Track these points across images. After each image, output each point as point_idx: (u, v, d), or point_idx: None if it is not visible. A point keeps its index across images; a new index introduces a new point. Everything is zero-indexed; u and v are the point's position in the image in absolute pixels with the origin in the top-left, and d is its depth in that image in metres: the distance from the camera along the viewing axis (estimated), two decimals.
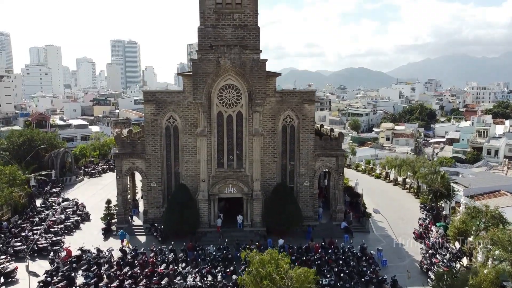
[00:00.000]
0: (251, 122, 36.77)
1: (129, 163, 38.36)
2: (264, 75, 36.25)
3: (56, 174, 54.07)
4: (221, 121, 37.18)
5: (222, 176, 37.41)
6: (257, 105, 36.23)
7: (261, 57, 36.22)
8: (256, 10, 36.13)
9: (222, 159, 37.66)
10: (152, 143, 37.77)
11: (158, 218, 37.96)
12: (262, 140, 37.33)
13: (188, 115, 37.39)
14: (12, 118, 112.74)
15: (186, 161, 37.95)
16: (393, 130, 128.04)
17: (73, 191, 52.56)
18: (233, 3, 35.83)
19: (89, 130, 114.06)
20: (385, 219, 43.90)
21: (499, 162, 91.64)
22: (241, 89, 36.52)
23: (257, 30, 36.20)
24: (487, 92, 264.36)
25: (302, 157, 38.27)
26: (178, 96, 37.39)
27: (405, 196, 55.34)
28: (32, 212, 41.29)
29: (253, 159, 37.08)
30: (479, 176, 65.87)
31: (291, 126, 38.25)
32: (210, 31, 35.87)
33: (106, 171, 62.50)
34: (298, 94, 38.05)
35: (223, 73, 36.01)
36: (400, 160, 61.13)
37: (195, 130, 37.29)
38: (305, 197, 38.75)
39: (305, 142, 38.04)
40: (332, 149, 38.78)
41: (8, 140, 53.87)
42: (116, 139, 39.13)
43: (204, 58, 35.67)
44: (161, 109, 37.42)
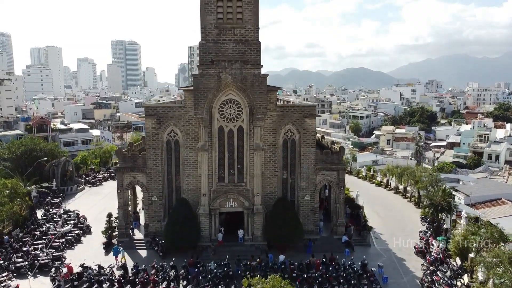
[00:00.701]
0: (252, 136, 36.81)
1: (130, 177, 38.41)
2: (265, 90, 36.27)
3: (57, 184, 54.11)
4: (222, 136, 37.22)
5: (223, 191, 37.46)
6: (258, 120, 36.26)
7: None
8: (257, 25, 36.15)
9: (223, 173, 37.69)
10: (153, 157, 37.80)
11: (159, 231, 38.00)
12: (263, 154, 37.36)
13: (189, 129, 37.42)
14: (13, 122, 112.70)
15: (187, 175, 37.99)
16: (394, 134, 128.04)
17: (74, 201, 52.60)
18: (234, 18, 35.87)
19: (90, 134, 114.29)
20: (385, 230, 44.27)
21: (500, 167, 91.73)
22: (242, 104, 36.55)
23: (258, 45, 36.23)
24: (488, 94, 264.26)
25: (303, 171, 38.30)
26: (179, 110, 37.42)
27: (406, 205, 55.33)
28: (33, 224, 41.37)
29: (254, 174, 37.12)
30: (480, 184, 66.00)
31: (292, 140, 38.27)
32: (211, 46, 35.90)
33: (107, 179, 62.51)
34: (299, 109, 38.05)
35: (224, 88, 36.04)
36: (401, 168, 61.12)
37: (196, 144, 37.33)
38: (306, 211, 38.79)
39: (306, 156, 38.07)
40: (333, 163, 38.79)
41: (8, 150, 53.90)
42: (117, 153, 39.20)
43: (205, 73, 35.70)
44: (162, 123, 37.46)
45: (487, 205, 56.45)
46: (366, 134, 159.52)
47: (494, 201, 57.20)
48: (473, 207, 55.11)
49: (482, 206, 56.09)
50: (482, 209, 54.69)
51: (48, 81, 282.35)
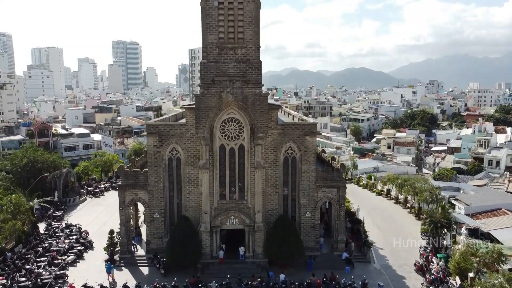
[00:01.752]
0: (253, 154, 37.04)
1: (132, 194, 38.69)
2: (266, 108, 36.48)
3: (59, 196, 54.38)
4: (223, 154, 37.45)
5: (224, 208, 37.74)
6: (259, 138, 36.49)
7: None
8: (258, 44, 36.36)
9: (224, 191, 37.95)
10: (155, 175, 38.06)
11: (160, 248, 38.27)
12: (264, 172, 37.60)
13: (190, 147, 37.67)
14: (15, 128, 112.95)
15: (188, 192, 38.25)
16: (395, 138, 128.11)
17: (76, 213, 52.92)
18: (236, 38, 36.06)
19: (91, 139, 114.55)
20: (385, 245, 44.49)
21: (500, 173, 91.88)
22: (243, 123, 36.78)
23: (259, 64, 36.44)
24: (489, 96, 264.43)
25: (304, 188, 38.54)
26: (180, 128, 37.66)
27: (406, 217, 55.51)
28: (36, 239, 41.64)
29: (255, 191, 37.37)
30: (480, 193, 66.08)
31: (292, 157, 38.50)
32: (212, 65, 36.11)
33: (108, 189, 62.79)
34: (299, 126, 38.28)
35: (226, 107, 36.28)
36: (402, 179, 61.29)
37: (197, 161, 37.58)
38: (307, 227, 39.04)
39: (306, 173, 38.30)
40: (333, 180, 39.03)
41: (11, 162, 54.18)
42: (119, 170, 39.41)
43: (206, 92, 35.92)
44: (164, 141, 37.71)
45: (487, 215, 56.60)
46: (366, 137, 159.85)
47: (494, 211, 57.35)
48: (473, 217, 55.31)
49: (482, 216, 56.24)
50: (482, 220, 54.87)
51: (49, 82, 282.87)
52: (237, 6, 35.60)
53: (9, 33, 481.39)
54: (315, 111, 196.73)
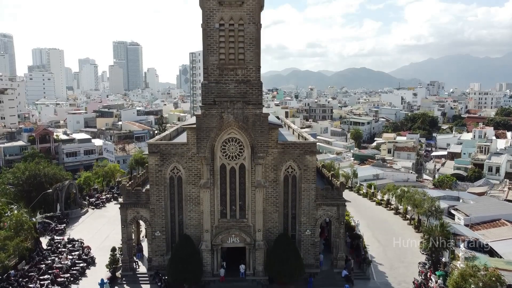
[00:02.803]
0: (254, 174, 37.44)
1: (133, 212, 39.12)
2: (266, 128, 36.86)
3: (61, 208, 54.81)
4: (224, 173, 37.85)
5: (225, 227, 38.16)
6: (259, 158, 36.89)
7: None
8: (259, 65, 36.74)
9: (225, 209, 38.37)
10: (156, 193, 38.49)
11: (162, 265, 38.69)
12: (264, 190, 38.01)
13: (191, 166, 38.08)
14: (16, 133, 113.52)
15: (189, 211, 38.68)
16: (395, 143, 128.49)
17: (78, 226, 53.35)
18: (236, 59, 36.44)
19: (92, 144, 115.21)
20: (385, 260, 44.86)
21: (500, 180, 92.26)
22: (243, 142, 37.18)
23: (260, 85, 36.83)
24: (489, 98, 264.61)
25: (304, 207, 38.94)
26: (182, 147, 38.06)
27: (406, 229, 55.79)
28: (38, 255, 42.06)
29: (256, 210, 37.78)
30: (480, 202, 66.47)
31: (292, 176, 38.90)
32: (213, 86, 36.50)
33: (110, 200, 63.21)
34: (299, 146, 38.65)
35: (226, 127, 36.67)
36: (401, 190, 61.57)
37: (198, 180, 38.00)
38: (307, 245, 39.44)
39: (306, 192, 38.70)
40: (333, 198, 39.43)
41: (13, 175, 54.64)
42: (121, 189, 39.82)
43: (207, 113, 36.32)
44: (165, 160, 38.12)
45: (486, 226, 57.04)
46: (367, 141, 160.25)
47: (493, 222, 57.78)
48: (472, 228, 55.76)
49: (481, 227, 56.69)
50: (481, 231, 55.31)
51: (50, 84, 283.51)
52: (238, 28, 35.98)
53: (10, 34, 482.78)
54: (316, 114, 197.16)
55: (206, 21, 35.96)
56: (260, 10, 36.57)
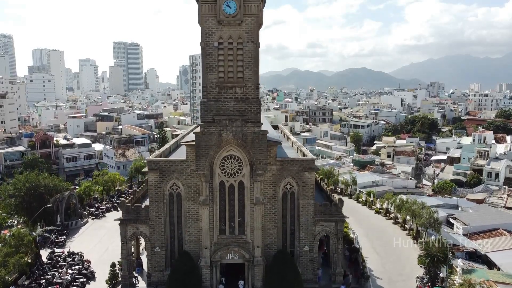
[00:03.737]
0: (253, 191, 37.69)
1: (133, 229, 39.37)
2: (265, 146, 37.09)
3: (61, 219, 55.06)
4: (223, 190, 38.09)
5: (224, 243, 38.42)
6: (258, 175, 37.13)
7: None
8: (257, 83, 36.97)
9: (224, 226, 38.61)
10: (156, 210, 38.74)
11: (161, 281, 38.94)
12: (263, 207, 38.26)
13: (191, 182, 38.32)
14: (16, 138, 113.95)
15: (189, 227, 38.94)
16: (394, 147, 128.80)
17: (78, 238, 53.57)
18: (235, 77, 36.66)
19: (92, 149, 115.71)
20: (383, 273, 45.06)
21: (499, 185, 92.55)
22: (242, 160, 37.41)
23: (259, 103, 37.06)
24: (489, 99, 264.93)
25: (302, 223, 39.19)
26: (181, 164, 38.30)
27: (405, 239, 55.75)
28: (39, 269, 42.29)
29: (254, 227, 38.03)
30: (478, 211, 66.65)
31: (291, 192, 39.14)
32: (212, 104, 36.73)
33: (110, 210, 63.41)
34: (298, 162, 38.88)
35: (225, 144, 36.91)
36: (400, 200, 61.74)
37: (197, 197, 38.25)
38: (305, 261, 39.69)
39: (305, 208, 38.95)
40: (331, 214, 39.68)
41: (14, 187, 54.89)
42: (120, 206, 40.05)
43: (206, 131, 36.56)
44: (165, 176, 38.36)
45: (484, 235, 57.18)
46: (367, 144, 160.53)
47: (491, 231, 57.94)
48: (471, 237, 55.94)
49: (479, 237, 56.86)
50: (479, 240, 55.48)
51: (50, 86, 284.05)
52: (237, 46, 36.20)
53: (10, 35, 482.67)
54: (316, 117, 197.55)
55: (205, 40, 36.18)
56: (259, 28, 36.80)
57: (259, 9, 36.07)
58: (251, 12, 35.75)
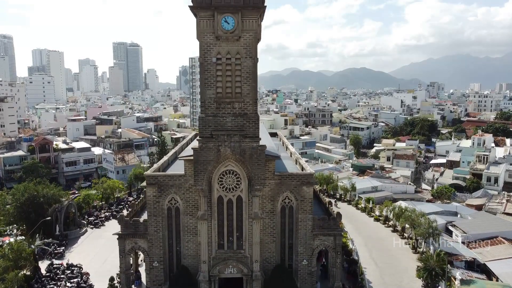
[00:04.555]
0: (251, 206, 37.71)
1: (131, 243, 39.41)
2: (263, 161, 37.10)
3: (60, 229, 55.05)
4: (221, 205, 38.12)
5: (222, 258, 38.45)
6: (256, 190, 37.17)
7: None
8: (256, 98, 36.96)
9: (222, 240, 38.65)
10: (154, 224, 38.76)
11: None
12: (261, 221, 38.29)
13: (189, 197, 38.35)
14: (16, 143, 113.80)
15: (187, 241, 38.98)
16: (394, 151, 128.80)
17: (77, 248, 53.56)
18: (233, 93, 36.66)
19: (91, 153, 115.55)
20: (382, 285, 45.04)
21: (499, 190, 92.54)
22: (240, 175, 37.43)
23: (257, 118, 37.05)
24: (489, 101, 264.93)
25: (301, 237, 39.22)
26: (179, 179, 38.32)
27: (403, 249, 55.83)
28: (37, 283, 42.27)
29: (253, 241, 38.07)
30: (477, 218, 66.60)
31: (289, 207, 39.16)
32: (210, 119, 36.73)
33: (109, 218, 63.38)
34: (296, 177, 38.88)
35: (223, 160, 36.93)
36: (399, 208, 61.77)
37: (196, 211, 38.28)
38: (304, 275, 39.71)
39: (303, 222, 38.98)
40: (330, 228, 39.71)
41: (12, 197, 54.87)
42: (119, 220, 40.05)
43: (205, 146, 36.57)
44: (163, 191, 38.39)
45: (483, 244, 57.20)
46: (366, 146, 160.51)
47: (490, 239, 57.95)
48: (470, 246, 55.98)
49: (478, 245, 56.88)
50: (478, 249, 55.54)
51: (50, 87, 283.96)
52: (235, 62, 36.19)
53: (10, 35, 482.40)
54: (315, 119, 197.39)
55: (203, 55, 36.18)
56: (257, 43, 36.76)
57: (257, 24, 36.04)
58: (249, 28, 35.74)
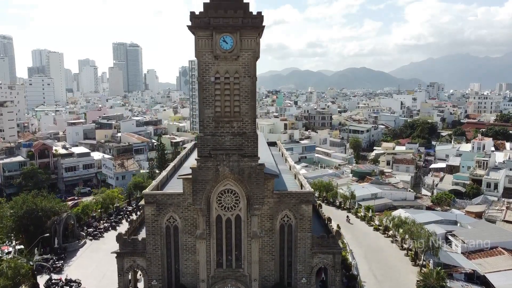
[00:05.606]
0: (250, 224, 37.61)
1: (130, 261, 39.35)
2: (262, 180, 36.99)
3: (59, 242, 54.92)
4: (220, 224, 38.04)
5: (221, 276, 38.38)
6: (255, 209, 37.07)
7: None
8: (254, 117, 36.83)
9: (221, 259, 38.58)
10: (153, 243, 38.68)
11: None
12: (260, 240, 38.20)
13: (187, 215, 38.27)
14: (15, 148, 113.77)
15: (186, 259, 38.91)
16: (394, 155, 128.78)
17: (76, 261, 53.37)
18: (232, 112, 36.53)
19: (91, 158, 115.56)
20: None
21: (498, 196, 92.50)
22: (239, 194, 37.33)
23: (255, 137, 36.92)
24: (489, 102, 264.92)
25: (300, 255, 39.14)
26: (178, 198, 38.23)
27: (403, 261, 55.71)
28: None
29: (252, 260, 38.00)
30: (477, 228, 66.45)
31: (288, 225, 39.07)
32: (209, 139, 36.61)
33: (108, 229, 63.21)
34: (295, 195, 38.78)
35: (222, 179, 36.83)
36: (398, 220, 61.61)
37: (194, 230, 38.19)
38: None
39: (302, 240, 38.90)
40: (329, 246, 39.63)
41: (11, 210, 54.75)
42: (117, 239, 39.96)
43: (203, 166, 36.46)
44: (162, 210, 38.31)
45: (483, 254, 57.12)
46: (366, 149, 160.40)
47: (490, 250, 57.85)
48: (469, 256, 55.91)
49: (478, 255, 56.82)
50: (478, 260, 55.46)
51: (49, 89, 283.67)
52: (233, 81, 36.05)
53: (9, 36, 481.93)
54: (315, 121, 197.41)
55: (202, 75, 36.04)
56: (255, 62, 36.60)
57: (256, 43, 35.89)
58: (248, 47, 35.60)
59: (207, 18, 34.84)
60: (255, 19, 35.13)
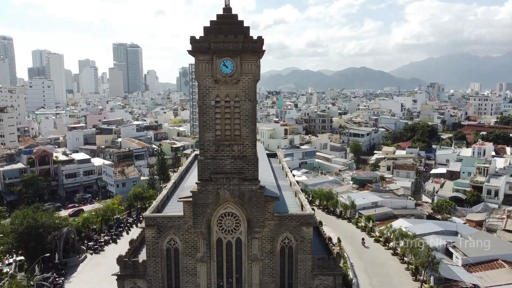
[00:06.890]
0: (250, 247, 37.58)
1: (131, 283, 39.31)
2: (262, 203, 36.95)
3: (60, 257, 54.91)
4: (220, 247, 37.99)
5: None
6: (255, 232, 37.04)
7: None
8: (255, 141, 36.77)
9: (221, 282, 38.53)
10: (153, 265, 38.63)
11: None
12: (261, 262, 38.17)
13: (188, 238, 38.20)
14: (16, 155, 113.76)
15: (186, 282, 38.84)
16: (394, 160, 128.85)
17: (77, 277, 53.33)
18: (232, 135, 36.47)
19: (91, 164, 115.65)
20: None
21: (499, 203, 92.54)
22: (240, 217, 37.29)
23: (256, 160, 36.86)
24: (489, 104, 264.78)
25: (300, 277, 39.08)
26: (178, 220, 38.15)
27: (403, 275, 55.67)
28: None
29: (252, 283, 37.97)
30: (478, 239, 66.40)
31: (289, 247, 39.01)
32: (209, 162, 36.56)
33: (108, 242, 63.16)
34: (296, 218, 38.71)
35: (222, 202, 36.79)
36: (399, 232, 61.58)
37: (195, 252, 38.14)
38: None
39: (303, 262, 38.83)
40: (329, 268, 39.58)
41: (11, 225, 54.76)
42: (118, 261, 39.95)
43: (204, 189, 36.42)
44: (162, 232, 38.24)
45: (484, 267, 57.18)
46: (366, 152, 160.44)
47: (491, 263, 57.90)
48: (470, 269, 55.93)
49: (478, 268, 56.86)
50: (479, 273, 55.49)
51: (50, 92, 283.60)
52: (234, 105, 35.99)
53: (10, 36, 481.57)
54: (315, 124, 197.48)
55: (202, 98, 35.98)
56: (256, 85, 36.53)
57: (256, 66, 35.80)
58: (248, 71, 35.53)
59: (207, 42, 34.77)
60: (255, 44, 35.06)
